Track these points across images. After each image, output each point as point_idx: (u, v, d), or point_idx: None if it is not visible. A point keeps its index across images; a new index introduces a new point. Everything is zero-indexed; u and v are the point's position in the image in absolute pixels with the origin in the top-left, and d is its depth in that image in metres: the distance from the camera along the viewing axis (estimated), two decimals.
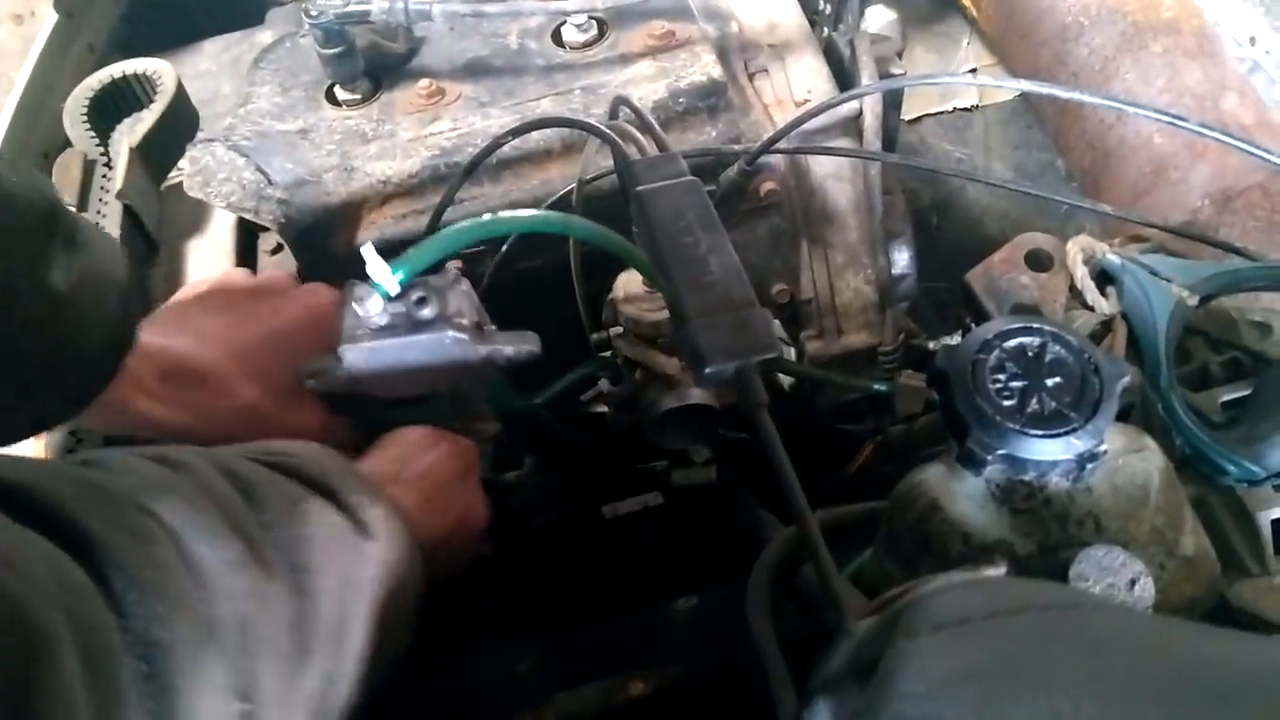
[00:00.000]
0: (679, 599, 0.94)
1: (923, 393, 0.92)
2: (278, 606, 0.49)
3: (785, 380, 1.04)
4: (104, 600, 0.40)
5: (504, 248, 0.84)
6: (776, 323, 1.02)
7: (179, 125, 0.94)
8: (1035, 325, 0.54)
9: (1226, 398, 0.74)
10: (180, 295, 0.81)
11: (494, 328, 0.71)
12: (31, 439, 0.75)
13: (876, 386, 0.95)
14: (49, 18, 1.19)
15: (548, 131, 0.85)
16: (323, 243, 0.84)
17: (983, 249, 0.85)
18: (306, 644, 0.51)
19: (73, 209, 0.66)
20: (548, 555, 1.01)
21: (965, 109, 1.42)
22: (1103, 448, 0.52)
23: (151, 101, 0.94)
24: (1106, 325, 0.78)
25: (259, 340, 0.73)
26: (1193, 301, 0.76)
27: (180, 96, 0.94)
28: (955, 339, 0.98)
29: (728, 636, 0.88)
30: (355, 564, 0.56)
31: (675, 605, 0.93)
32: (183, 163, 0.91)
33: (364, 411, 0.85)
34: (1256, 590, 0.66)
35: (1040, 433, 0.51)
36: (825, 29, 1.04)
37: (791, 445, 1.02)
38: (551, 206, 0.83)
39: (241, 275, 0.85)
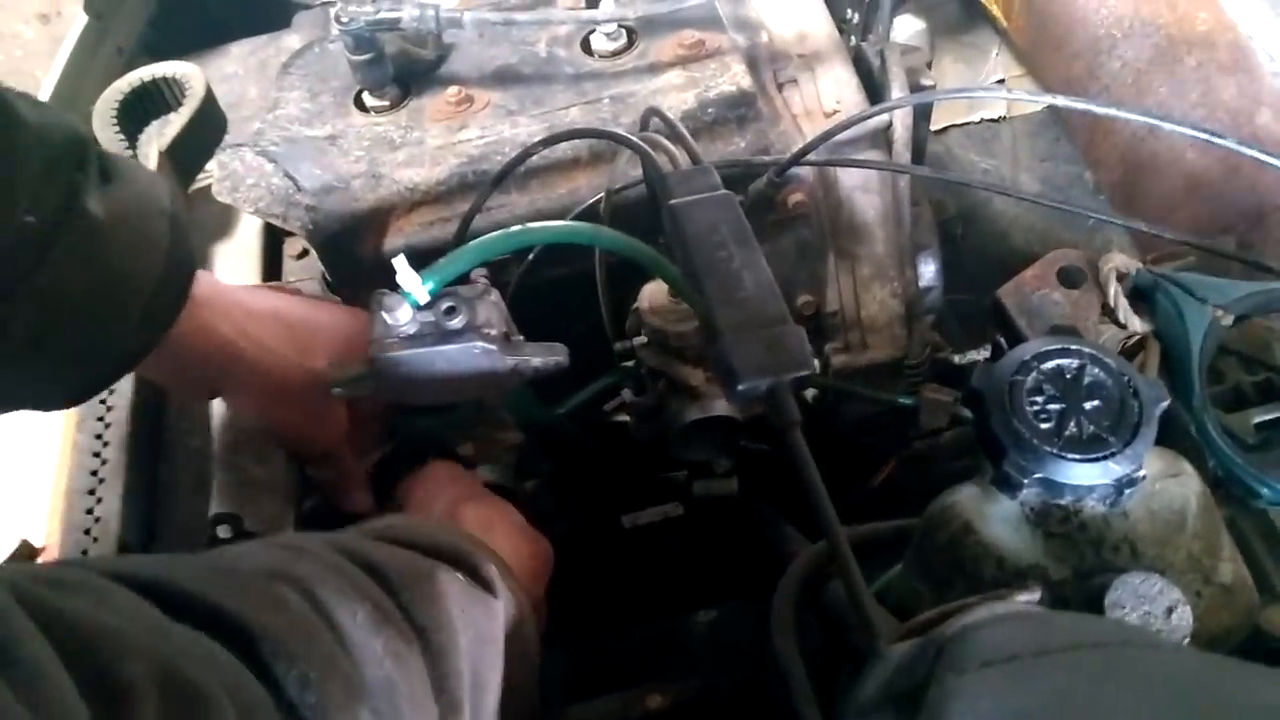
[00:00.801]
0: (698, 612, 0.93)
1: (948, 407, 0.91)
2: (417, 667, 0.49)
3: (809, 392, 1.04)
4: (252, 671, 0.40)
5: (530, 256, 0.84)
6: None
7: (207, 129, 0.94)
8: (1074, 346, 0.53)
9: (1260, 419, 0.73)
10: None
11: (521, 338, 0.71)
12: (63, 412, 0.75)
13: (901, 400, 0.94)
14: (78, 19, 1.20)
15: (576, 141, 0.84)
16: (350, 249, 0.84)
17: (1009, 261, 0.84)
18: (453, 703, 0.50)
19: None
20: (566, 564, 1.01)
21: (993, 120, 1.41)
22: (1141, 473, 0.51)
23: (180, 105, 0.94)
24: (1139, 343, 0.77)
25: (332, 324, 0.75)
26: (1227, 321, 0.75)
27: (209, 100, 0.94)
28: (982, 353, 0.97)
29: (747, 651, 0.88)
30: (486, 620, 0.56)
31: (695, 618, 0.92)
32: (210, 166, 0.91)
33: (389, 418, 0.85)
34: None
35: (1078, 457, 0.50)
36: (854, 38, 1.03)
37: (816, 458, 1.02)
38: (579, 216, 0.83)
39: (293, 288, 0.87)
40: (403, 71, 0.91)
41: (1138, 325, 0.75)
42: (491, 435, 0.88)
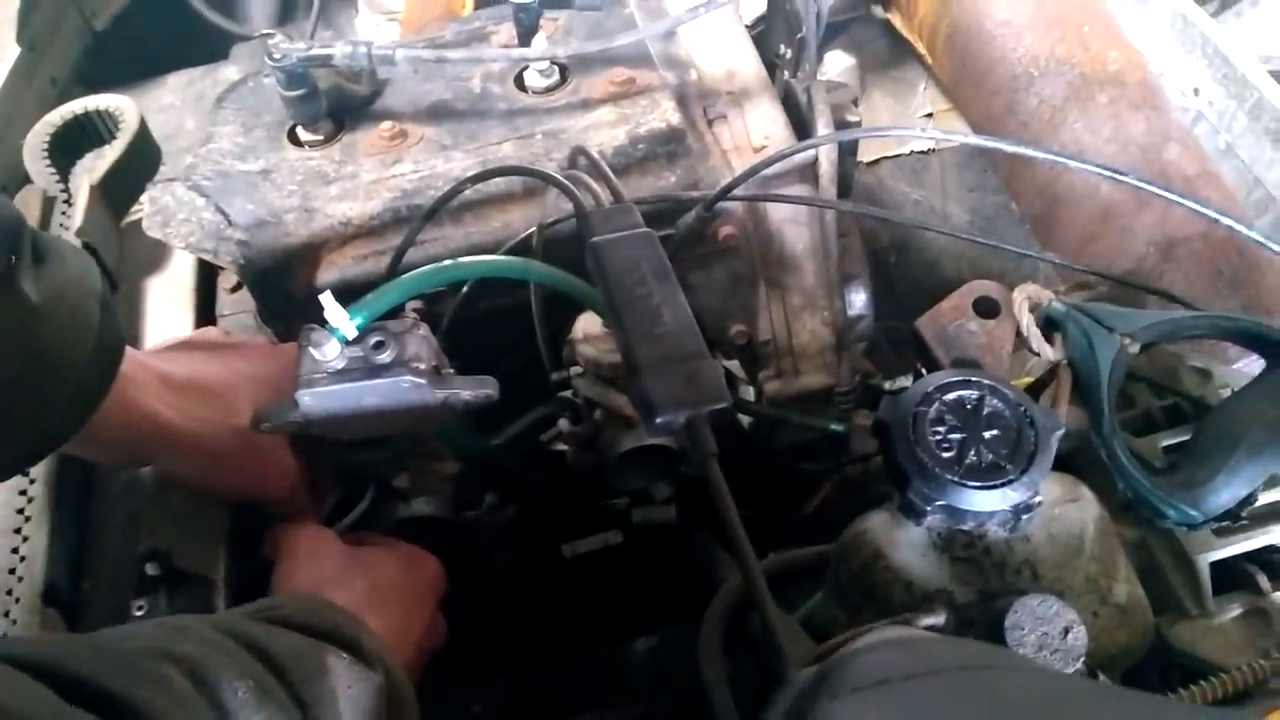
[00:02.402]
0: (638, 638, 0.94)
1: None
2: None
3: (745, 420, 1.06)
4: None
5: (465, 289, 0.85)
6: (735, 363, 1.04)
7: (140, 162, 0.94)
8: (974, 379, 0.56)
9: (1167, 442, 0.76)
10: (167, 342, 0.82)
11: (452, 371, 0.72)
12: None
13: (833, 427, 0.96)
14: (10, 49, 1.19)
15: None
16: (282, 284, 0.85)
17: (940, 288, 0.86)
18: None
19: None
20: (506, 593, 1.01)
21: (922, 152, 1.46)
22: (1038, 499, 0.53)
23: (113, 138, 0.94)
24: (1053, 370, 0.80)
25: (257, 372, 0.75)
26: (1134, 349, 0.78)
27: (142, 133, 0.94)
28: (909, 381, 1.00)
29: (686, 676, 0.89)
30: (368, 696, 0.57)
31: (634, 645, 0.93)
32: (143, 198, 0.91)
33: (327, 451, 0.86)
34: (1195, 632, 0.67)
35: (977, 484, 0.53)
36: (785, 73, 1.07)
37: (752, 483, 1.03)
38: (512, 249, 0.84)
39: (218, 332, 0.87)
40: (336, 106, 0.92)
41: (1050, 354, 0.77)
42: (428, 467, 0.89)
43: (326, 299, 0.63)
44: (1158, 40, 1.20)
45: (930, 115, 1.43)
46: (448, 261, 0.69)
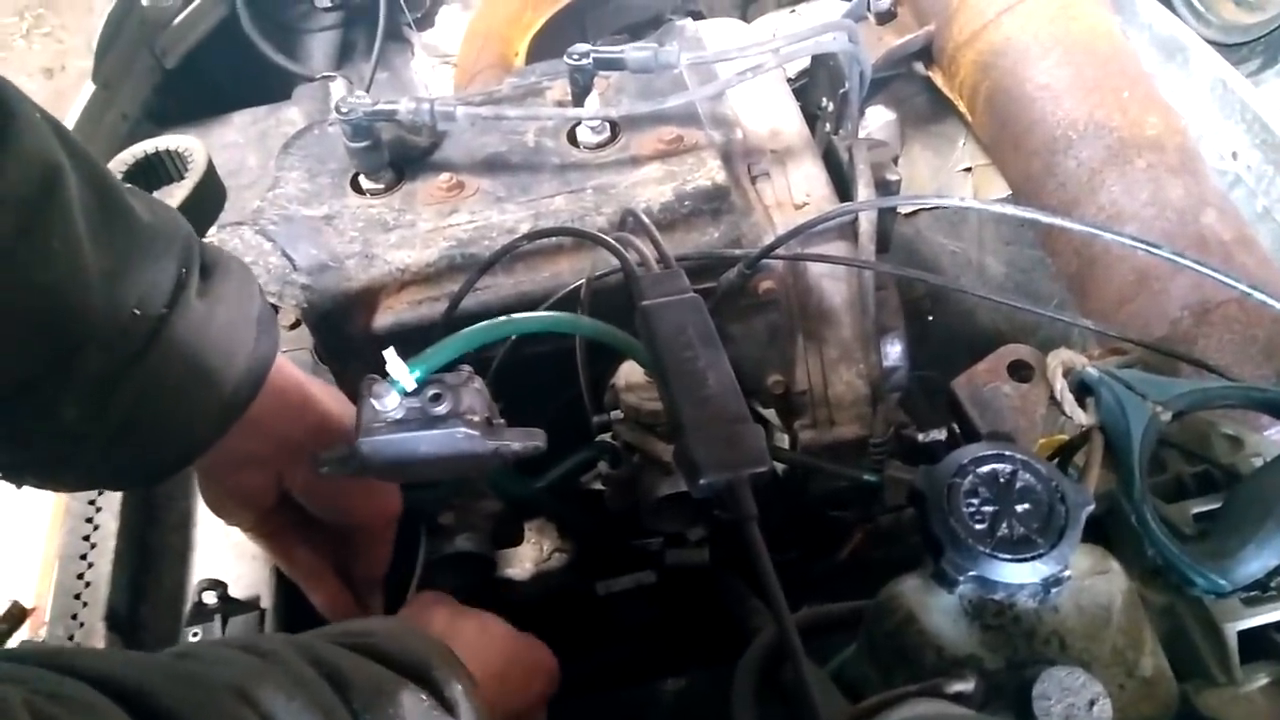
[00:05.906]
0: (667, 679, 0.96)
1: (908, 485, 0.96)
2: None
3: (779, 467, 1.08)
4: None
5: (513, 335, 0.88)
6: (772, 411, 1.06)
7: (208, 201, 0.99)
8: (1007, 452, 0.58)
9: (1198, 510, 0.77)
10: None
11: (503, 422, 0.75)
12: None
13: (866, 477, 0.98)
14: (86, 87, 1.25)
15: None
16: (341, 326, 0.88)
17: (976, 339, 0.89)
18: None
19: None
20: (538, 629, 1.03)
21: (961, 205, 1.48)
22: (1067, 573, 0.55)
23: (182, 177, 0.99)
24: (1085, 434, 0.82)
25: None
26: (1166, 417, 0.79)
27: (210, 173, 0.99)
28: (941, 434, 1.02)
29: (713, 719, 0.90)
30: None
31: (663, 686, 0.95)
32: (210, 237, 0.95)
33: None
34: (1223, 700, 0.68)
35: (1008, 557, 0.55)
36: (827, 126, 1.10)
37: (785, 529, 1.05)
38: (560, 300, 0.87)
39: None
40: (398, 156, 0.96)
41: (1083, 419, 0.79)
42: (471, 505, 0.92)
43: (390, 354, 0.67)
44: (1197, 105, 1.22)
45: (969, 170, 1.45)
46: (503, 318, 0.73)
